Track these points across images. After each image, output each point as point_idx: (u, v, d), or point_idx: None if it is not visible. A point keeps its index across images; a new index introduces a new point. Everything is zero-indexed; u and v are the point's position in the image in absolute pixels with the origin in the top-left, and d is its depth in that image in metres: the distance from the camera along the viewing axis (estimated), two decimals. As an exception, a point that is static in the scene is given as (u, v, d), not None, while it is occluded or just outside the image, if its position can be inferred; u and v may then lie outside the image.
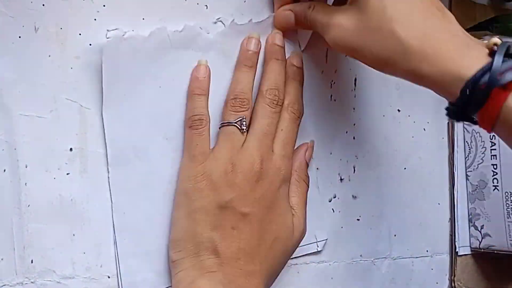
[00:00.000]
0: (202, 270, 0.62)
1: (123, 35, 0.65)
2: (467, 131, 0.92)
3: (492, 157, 0.88)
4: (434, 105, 0.90)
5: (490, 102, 0.55)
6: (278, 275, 0.69)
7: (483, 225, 0.90)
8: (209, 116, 0.67)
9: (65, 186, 0.64)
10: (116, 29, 0.65)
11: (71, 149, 0.64)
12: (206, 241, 0.63)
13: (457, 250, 0.90)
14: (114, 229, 0.65)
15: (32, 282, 0.62)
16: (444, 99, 0.60)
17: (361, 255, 0.84)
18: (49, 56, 0.63)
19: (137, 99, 0.67)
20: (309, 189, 0.73)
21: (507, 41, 0.59)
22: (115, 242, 0.65)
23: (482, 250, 0.89)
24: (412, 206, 0.87)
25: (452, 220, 0.90)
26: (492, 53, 0.57)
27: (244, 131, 0.66)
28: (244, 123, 0.66)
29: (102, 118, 0.65)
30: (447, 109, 0.60)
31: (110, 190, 0.65)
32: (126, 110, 0.66)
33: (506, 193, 0.86)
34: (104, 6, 0.65)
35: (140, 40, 0.66)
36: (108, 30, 0.65)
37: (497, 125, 0.56)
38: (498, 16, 0.88)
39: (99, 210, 0.66)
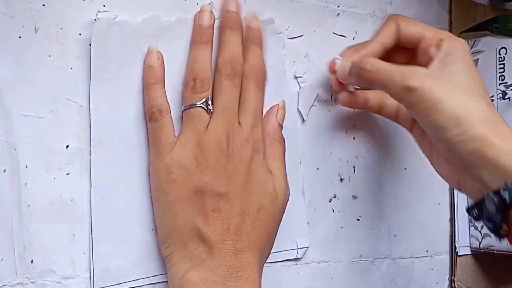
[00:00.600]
0: (191, 262, 0.62)
1: (114, 18, 0.66)
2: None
3: (492, 157, 0.87)
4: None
5: None
6: (273, 242, 0.69)
7: (483, 225, 0.86)
8: (168, 103, 0.67)
9: (65, 186, 0.64)
10: (107, 11, 0.66)
11: (71, 149, 0.65)
12: (191, 231, 0.62)
13: (457, 250, 0.90)
14: (91, 214, 0.65)
15: (32, 282, 0.62)
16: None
17: (361, 255, 0.84)
18: (49, 56, 0.63)
19: (125, 84, 0.67)
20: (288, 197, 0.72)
21: None
22: (91, 227, 0.65)
23: (482, 250, 0.89)
24: (412, 206, 0.87)
25: (452, 220, 0.91)
26: None
27: (210, 111, 0.65)
28: (209, 102, 0.66)
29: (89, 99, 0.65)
30: (488, 197, 0.60)
31: (90, 173, 0.65)
32: (114, 94, 0.66)
33: (507, 193, 0.85)
34: (104, 6, 0.66)
35: (133, 25, 0.67)
36: (98, 11, 0.65)
37: None
38: (498, 16, 0.89)
39: (99, 210, 0.65)
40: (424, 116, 0.63)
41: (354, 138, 0.81)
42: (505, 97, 0.86)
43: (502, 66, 0.86)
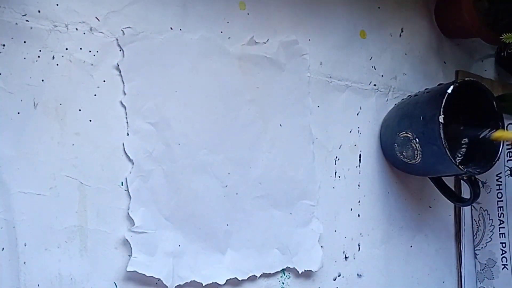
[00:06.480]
0: None
1: (137, 35, 0.68)
2: (475, 209, 0.93)
3: (501, 235, 0.89)
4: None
5: None
6: None
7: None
8: None
9: (65, 265, 0.64)
10: (129, 27, 0.68)
11: (70, 227, 0.65)
12: None
13: (464, 330, 0.91)
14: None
15: None
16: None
17: (367, 336, 0.85)
18: (49, 132, 0.64)
19: (154, 99, 0.69)
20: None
21: None
22: None
23: (491, 331, 0.89)
24: (418, 284, 0.87)
25: (459, 299, 0.91)
26: None
27: None
28: None
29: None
30: None
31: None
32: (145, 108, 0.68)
33: (516, 272, 0.88)
34: (104, 81, 0.67)
35: (157, 41, 0.69)
36: (122, 30, 0.68)
37: None
38: (504, 94, 0.91)
39: (99, 289, 0.67)
40: None
41: (359, 216, 0.82)
42: (512, 175, 0.87)
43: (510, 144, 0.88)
